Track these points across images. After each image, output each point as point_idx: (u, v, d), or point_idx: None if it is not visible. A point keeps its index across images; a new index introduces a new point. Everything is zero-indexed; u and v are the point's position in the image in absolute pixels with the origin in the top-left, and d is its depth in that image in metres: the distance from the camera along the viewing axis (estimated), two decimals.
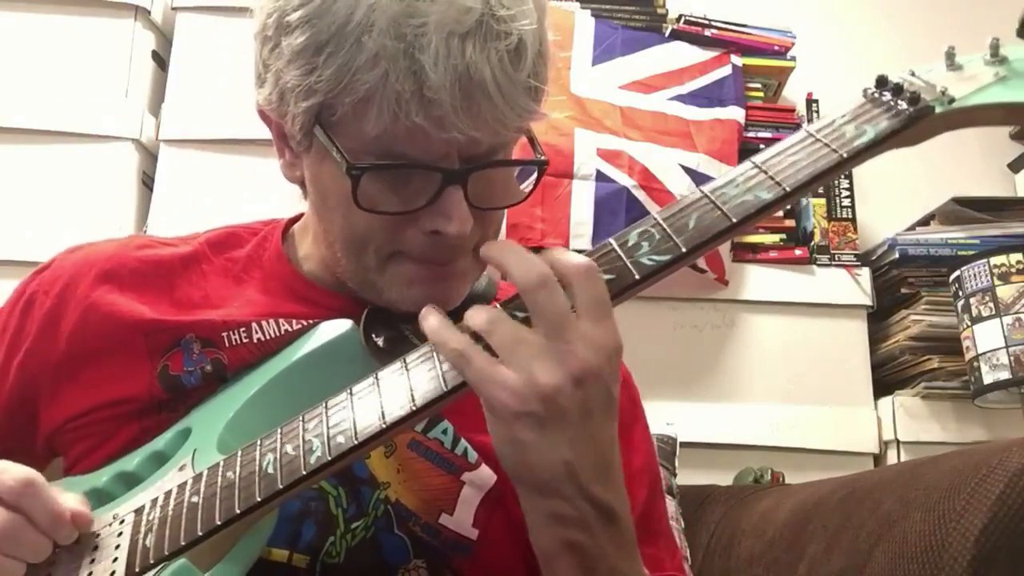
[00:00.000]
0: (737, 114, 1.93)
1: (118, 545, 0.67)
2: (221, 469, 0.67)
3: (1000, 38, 0.66)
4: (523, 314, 0.61)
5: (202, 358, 0.78)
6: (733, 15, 2.07)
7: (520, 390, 0.58)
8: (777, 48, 2.05)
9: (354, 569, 0.73)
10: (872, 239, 1.99)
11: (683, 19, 2.02)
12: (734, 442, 1.81)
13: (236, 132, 1.82)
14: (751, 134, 1.96)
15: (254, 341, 0.78)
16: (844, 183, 1.95)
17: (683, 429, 1.68)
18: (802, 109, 2.05)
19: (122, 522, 0.69)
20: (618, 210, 1.77)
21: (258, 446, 0.66)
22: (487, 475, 0.77)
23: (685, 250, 0.61)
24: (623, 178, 1.79)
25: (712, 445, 1.80)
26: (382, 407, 0.62)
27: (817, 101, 2.04)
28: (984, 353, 1.64)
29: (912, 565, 0.79)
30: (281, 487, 0.62)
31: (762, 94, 2.05)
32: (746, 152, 1.91)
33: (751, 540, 1.17)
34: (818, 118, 2.01)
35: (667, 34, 2.02)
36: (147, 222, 1.83)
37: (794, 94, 2.11)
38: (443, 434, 0.77)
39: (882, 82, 0.65)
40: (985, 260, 1.66)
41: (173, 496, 0.68)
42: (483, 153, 0.70)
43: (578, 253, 0.62)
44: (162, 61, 1.97)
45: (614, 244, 0.63)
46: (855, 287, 1.90)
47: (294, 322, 0.78)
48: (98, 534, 0.69)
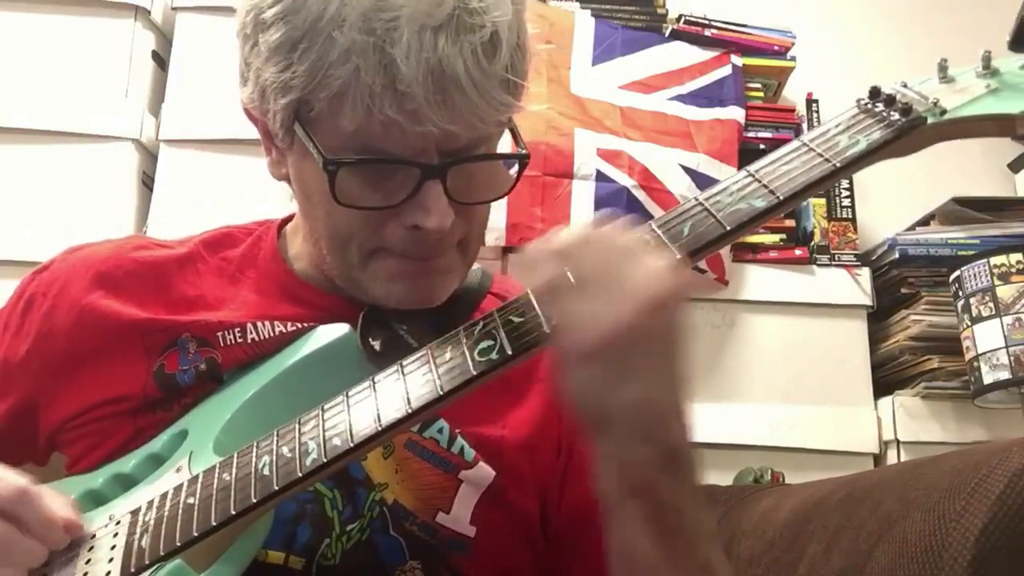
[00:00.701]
0: (737, 114, 1.93)
1: (113, 546, 0.67)
2: (217, 471, 0.67)
3: (991, 51, 0.67)
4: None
5: (197, 357, 0.78)
6: (733, 15, 2.07)
7: (599, 325, 0.57)
8: (777, 48, 2.05)
9: (350, 571, 0.73)
10: (872, 239, 1.99)
11: (683, 19, 2.02)
12: (734, 442, 1.81)
13: (236, 132, 1.82)
14: (751, 134, 1.96)
15: (248, 341, 0.78)
16: (844, 183, 1.95)
17: None
18: (802, 109, 2.05)
19: (118, 523, 0.69)
20: (618, 210, 1.77)
21: (255, 448, 0.66)
22: (485, 472, 0.77)
23: (680, 257, 0.61)
24: (623, 178, 1.79)
25: (712, 445, 1.80)
26: (378, 410, 0.63)
27: (817, 101, 2.04)
28: (984, 353, 1.64)
29: (912, 565, 0.79)
30: (277, 488, 0.63)
31: (762, 94, 2.05)
32: (746, 152, 1.92)
33: (751, 540, 1.17)
34: (818, 118, 2.02)
35: (667, 34, 2.02)
36: (147, 222, 1.83)
37: (794, 94, 2.11)
38: (439, 433, 0.77)
39: (875, 93, 0.66)
40: (985, 260, 1.66)
41: (169, 498, 0.68)
42: (462, 147, 0.70)
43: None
44: (162, 61, 1.97)
45: None
46: (855, 287, 1.90)
47: (288, 324, 0.78)
48: (94, 535, 0.70)
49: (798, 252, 1.91)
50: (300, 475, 0.62)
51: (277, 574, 0.71)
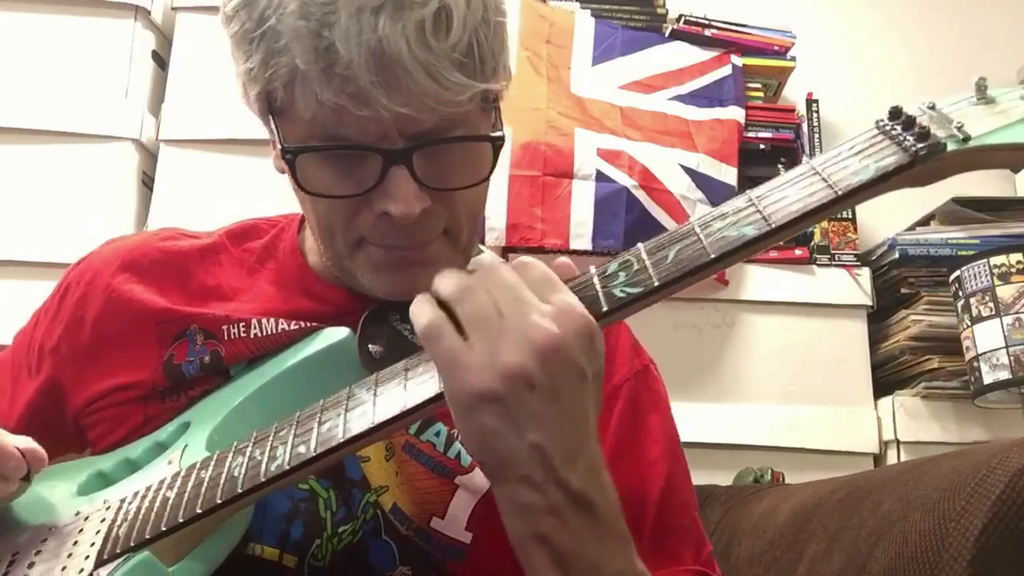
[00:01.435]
0: (737, 114, 1.93)
1: (99, 530, 0.69)
2: (197, 468, 0.68)
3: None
4: None
5: (203, 349, 0.79)
6: (733, 15, 2.07)
7: (484, 370, 0.53)
8: (777, 48, 2.05)
9: (338, 573, 0.72)
10: (872, 239, 1.98)
11: (683, 19, 2.02)
12: (734, 442, 1.81)
13: (236, 132, 1.82)
14: (751, 134, 1.96)
15: (251, 336, 0.78)
16: None
17: (683, 429, 1.65)
18: (802, 109, 2.05)
19: (108, 508, 0.71)
20: (618, 210, 1.77)
21: (233, 449, 0.67)
22: (482, 478, 0.75)
23: (657, 284, 0.57)
24: (623, 178, 1.79)
25: (712, 445, 1.80)
26: (345, 422, 0.61)
27: (817, 101, 2.04)
28: (984, 353, 1.64)
29: (912, 565, 0.79)
30: (241, 491, 0.63)
31: (762, 94, 2.05)
32: (746, 152, 1.92)
33: (751, 540, 1.17)
34: (818, 118, 2.02)
35: (667, 34, 2.02)
36: (147, 222, 1.83)
37: (794, 94, 2.10)
38: (436, 436, 0.76)
39: (895, 113, 0.59)
40: (985, 260, 1.66)
41: (152, 489, 0.69)
42: (429, 131, 0.67)
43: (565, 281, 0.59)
44: (162, 61, 1.97)
45: (594, 271, 0.60)
46: (855, 287, 1.90)
47: (292, 323, 0.78)
48: (87, 516, 0.71)
49: (798, 252, 1.91)
50: (263, 480, 0.62)
51: (272, 571, 0.71)
